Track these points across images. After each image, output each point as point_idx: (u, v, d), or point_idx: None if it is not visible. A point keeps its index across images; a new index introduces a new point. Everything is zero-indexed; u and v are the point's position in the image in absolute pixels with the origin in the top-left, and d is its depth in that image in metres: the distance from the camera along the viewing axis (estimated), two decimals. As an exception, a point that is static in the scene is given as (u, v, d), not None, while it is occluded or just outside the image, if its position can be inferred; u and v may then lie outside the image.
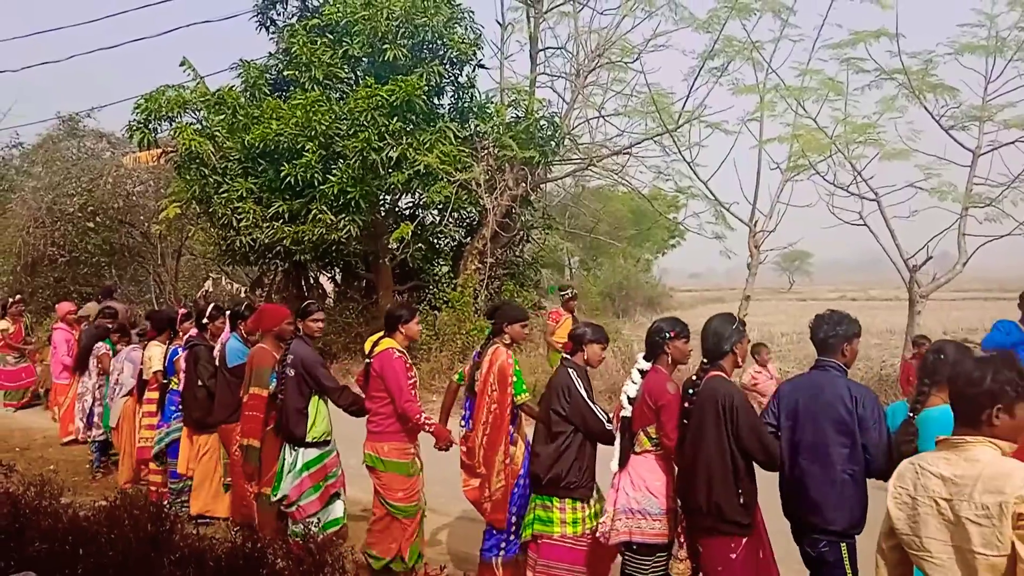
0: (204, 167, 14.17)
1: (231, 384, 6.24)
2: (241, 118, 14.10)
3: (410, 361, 5.44)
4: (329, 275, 18.42)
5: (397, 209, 16.21)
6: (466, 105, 15.64)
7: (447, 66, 14.59)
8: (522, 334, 5.26)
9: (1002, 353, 2.73)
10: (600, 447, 4.76)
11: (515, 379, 4.97)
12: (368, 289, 16.83)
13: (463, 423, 5.18)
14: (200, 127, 14.57)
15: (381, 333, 5.54)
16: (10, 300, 12.75)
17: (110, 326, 8.93)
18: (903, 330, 12.19)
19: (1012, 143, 11.44)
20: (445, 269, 16.36)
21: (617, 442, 4.44)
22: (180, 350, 6.88)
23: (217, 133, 14.21)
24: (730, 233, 14.68)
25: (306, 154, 13.21)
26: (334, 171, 13.51)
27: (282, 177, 13.39)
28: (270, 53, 15.92)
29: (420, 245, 15.21)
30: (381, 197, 14.96)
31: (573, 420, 4.57)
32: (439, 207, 14.83)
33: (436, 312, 14.96)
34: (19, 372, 12.33)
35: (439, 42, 14.31)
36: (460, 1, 15.09)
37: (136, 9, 16.17)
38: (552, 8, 15.89)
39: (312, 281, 17.87)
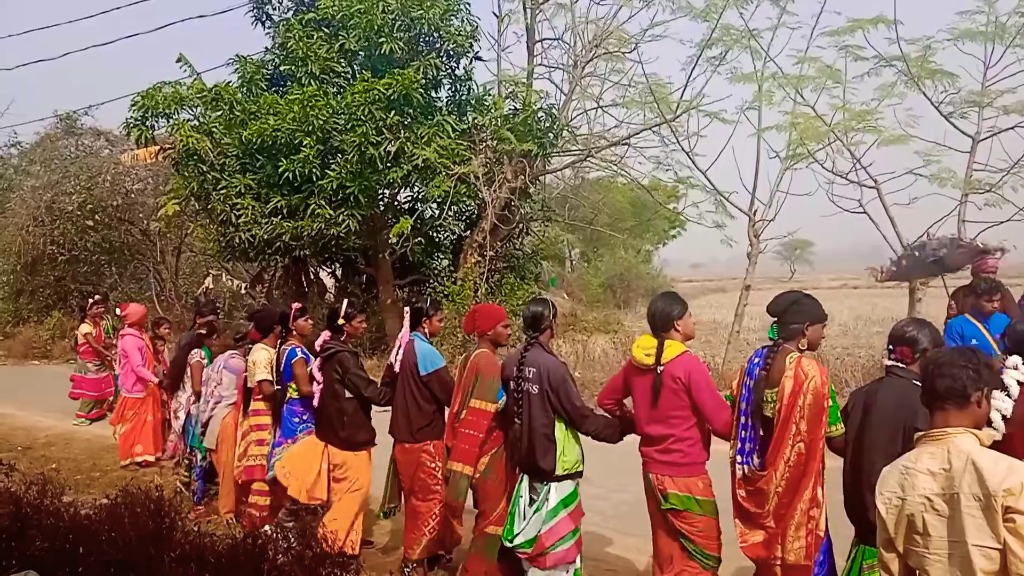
0: (202, 163, 14.15)
1: (421, 395, 5.25)
2: (238, 114, 14.07)
3: None
4: (329, 270, 18.43)
5: (396, 203, 16.20)
6: (463, 98, 15.61)
7: (444, 59, 14.55)
8: (821, 338, 4.10)
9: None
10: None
11: (831, 404, 3.78)
12: (368, 284, 16.84)
13: (740, 457, 3.99)
14: (197, 123, 14.54)
15: (645, 335, 4.39)
16: (90, 301, 11.96)
17: (203, 332, 7.72)
18: (904, 317, 12.18)
19: (1012, 128, 11.43)
20: (445, 263, 16.37)
21: None
22: (299, 351, 5.99)
23: (214, 129, 14.19)
24: (730, 222, 14.69)
25: (304, 149, 13.18)
26: (332, 166, 13.49)
27: (280, 172, 13.37)
28: (266, 48, 15.88)
29: (420, 239, 15.19)
30: (380, 191, 14.94)
31: None
32: (438, 201, 14.82)
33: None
34: (100, 382, 11.53)
35: (435, 35, 14.26)
36: (456, -7, 15.04)
37: (130, 5, 16.14)
38: (549, -1, 15.85)
39: (312, 276, 17.87)
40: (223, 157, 14.16)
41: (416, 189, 15.61)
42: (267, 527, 5.85)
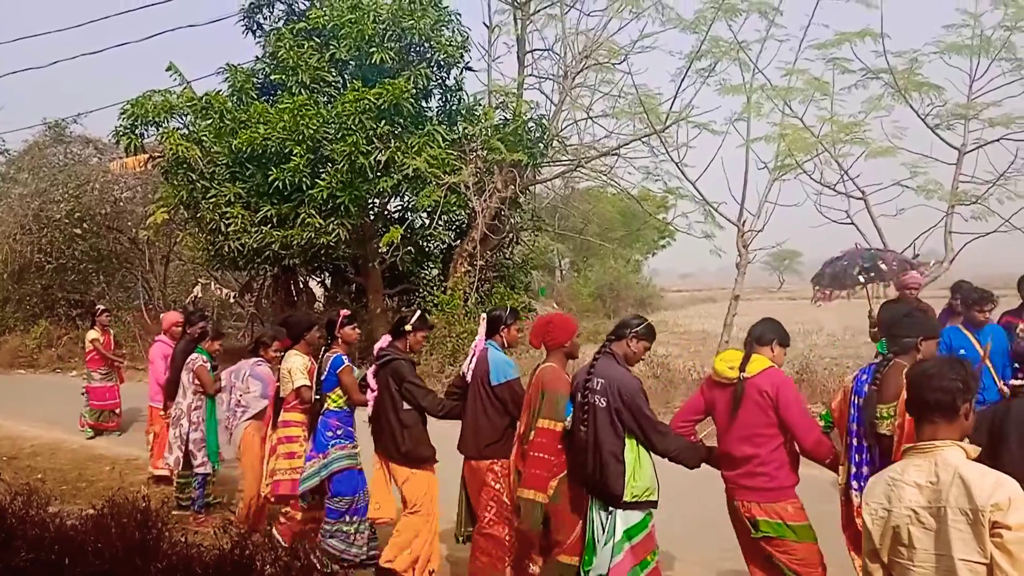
0: (191, 172, 14.11)
1: (492, 407, 4.94)
2: (228, 123, 14.05)
3: None
4: (318, 279, 18.38)
5: (386, 213, 16.19)
6: (454, 108, 15.64)
7: (434, 69, 14.58)
8: (934, 353, 3.83)
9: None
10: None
11: None
12: (358, 293, 16.79)
13: (856, 483, 3.73)
14: (187, 132, 14.51)
15: (731, 350, 4.19)
16: (99, 308, 11.80)
17: (196, 336, 7.45)
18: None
19: (997, 141, 11.53)
20: (435, 272, 16.35)
21: None
22: (345, 359, 5.62)
23: (204, 138, 14.16)
24: (719, 233, 14.74)
25: (294, 158, 13.17)
26: (322, 175, 13.48)
27: (270, 181, 13.35)
28: (257, 57, 15.89)
29: (409, 248, 15.18)
30: (370, 201, 14.94)
31: None
32: (428, 210, 14.82)
33: (426, 315, 14.94)
34: (104, 391, 11.17)
35: (426, 45, 14.30)
36: (447, 4, 15.10)
37: (120, 14, 16.07)
38: (539, 10, 15.90)
39: (302, 285, 17.82)
40: (213, 166, 14.13)
41: (406, 199, 15.62)
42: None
